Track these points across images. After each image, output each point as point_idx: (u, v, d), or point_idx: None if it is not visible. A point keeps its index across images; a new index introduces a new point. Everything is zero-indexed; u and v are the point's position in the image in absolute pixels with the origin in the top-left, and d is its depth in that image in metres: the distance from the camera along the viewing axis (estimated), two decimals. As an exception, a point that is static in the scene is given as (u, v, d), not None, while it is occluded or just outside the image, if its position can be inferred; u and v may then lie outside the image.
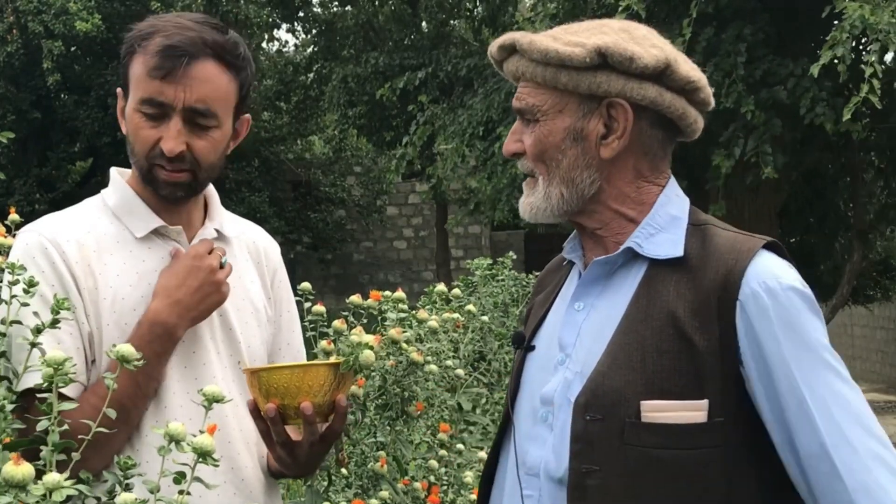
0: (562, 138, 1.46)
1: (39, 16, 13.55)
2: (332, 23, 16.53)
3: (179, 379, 1.64)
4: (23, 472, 1.08)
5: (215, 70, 1.64)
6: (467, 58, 13.40)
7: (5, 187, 14.55)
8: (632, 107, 1.44)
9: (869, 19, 6.93)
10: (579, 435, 1.39)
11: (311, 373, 1.47)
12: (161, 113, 1.62)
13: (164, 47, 1.60)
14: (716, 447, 1.35)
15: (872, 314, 17.79)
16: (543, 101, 1.46)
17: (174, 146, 1.61)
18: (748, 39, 8.38)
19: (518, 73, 1.49)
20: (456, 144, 10.93)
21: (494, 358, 3.62)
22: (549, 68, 1.44)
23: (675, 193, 1.52)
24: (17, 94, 14.57)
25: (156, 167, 1.64)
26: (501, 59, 1.52)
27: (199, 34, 1.63)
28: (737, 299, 1.36)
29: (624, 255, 1.47)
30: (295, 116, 18.14)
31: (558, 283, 1.63)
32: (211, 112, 1.64)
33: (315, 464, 1.66)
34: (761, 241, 1.43)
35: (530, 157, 1.49)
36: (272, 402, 1.46)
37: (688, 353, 1.36)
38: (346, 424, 1.64)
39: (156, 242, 1.69)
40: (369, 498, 2.44)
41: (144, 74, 1.61)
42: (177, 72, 1.60)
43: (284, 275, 1.91)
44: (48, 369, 1.24)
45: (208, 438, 1.20)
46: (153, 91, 1.61)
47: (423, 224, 18.86)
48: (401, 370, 2.49)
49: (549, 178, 1.47)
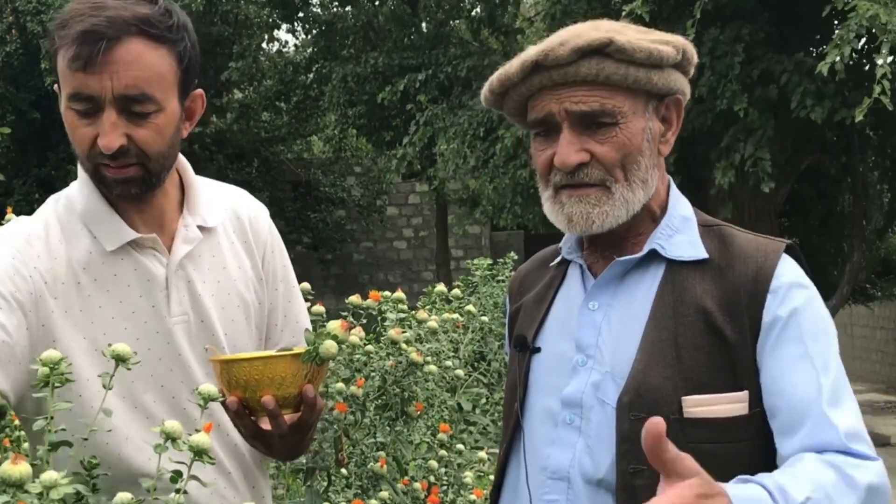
0: (641, 140, 1.43)
1: (38, 16, 13.56)
2: (331, 23, 16.54)
3: (156, 401, 1.57)
4: (20, 471, 1.08)
5: (142, 48, 1.45)
6: (467, 58, 13.42)
7: (5, 187, 14.56)
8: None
9: (881, 19, 6.93)
10: (626, 435, 1.38)
11: (272, 364, 1.42)
12: (92, 107, 1.45)
13: (79, 34, 1.42)
14: (760, 438, 1.37)
15: (872, 314, 17.80)
16: (622, 104, 1.41)
17: (110, 141, 1.45)
18: (746, 40, 8.39)
19: (599, 76, 1.39)
20: (457, 145, 10.94)
21: (494, 358, 3.62)
22: (641, 69, 1.40)
23: (677, 192, 1.53)
24: (17, 95, 14.59)
25: (101, 166, 1.49)
26: (570, 61, 1.38)
27: (116, 12, 1.44)
28: (768, 291, 1.38)
29: (644, 256, 1.47)
30: (295, 116, 18.15)
31: (552, 282, 1.60)
32: (146, 96, 1.46)
33: (295, 452, 1.60)
34: (783, 244, 1.45)
35: (607, 164, 1.42)
36: (234, 395, 1.43)
37: (721, 346, 1.37)
38: (345, 423, 1.62)
39: (129, 253, 1.57)
40: (369, 498, 2.43)
41: (66, 67, 1.44)
42: (96, 59, 1.42)
43: (278, 244, 1.77)
44: (44, 368, 1.23)
45: (204, 436, 1.19)
46: (77, 85, 1.44)
47: (423, 224, 18.86)
48: (400, 370, 2.49)
49: (628, 182, 1.43)
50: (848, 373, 1.43)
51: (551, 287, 1.59)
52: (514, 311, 1.67)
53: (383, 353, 2.52)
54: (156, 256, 1.59)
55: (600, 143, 1.41)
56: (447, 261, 16.61)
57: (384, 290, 2.80)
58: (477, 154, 10.88)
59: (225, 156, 16.08)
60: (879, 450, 7.71)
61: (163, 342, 1.58)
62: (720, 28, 8.52)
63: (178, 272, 1.61)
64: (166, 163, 1.54)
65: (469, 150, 10.94)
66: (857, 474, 1.31)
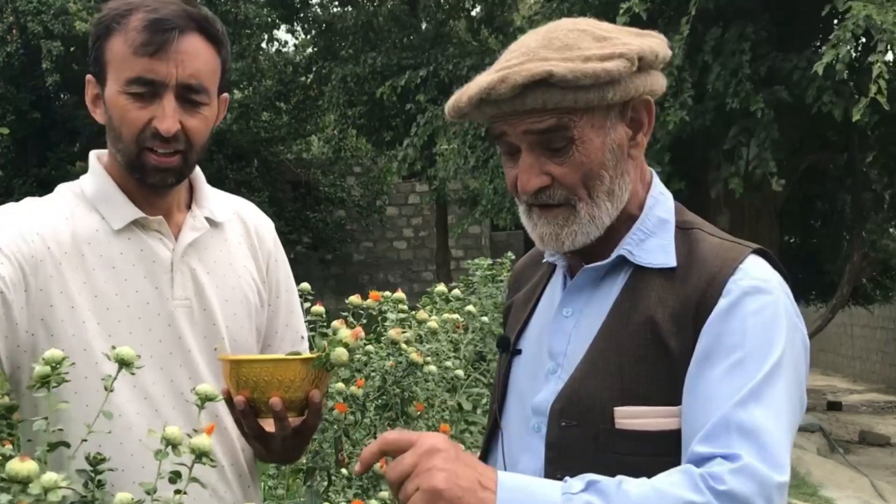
0: (602, 155, 1.38)
1: (39, 16, 13.56)
2: (331, 23, 16.54)
3: (155, 382, 1.59)
4: (28, 468, 1.07)
5: (202, 44, 1.56)
6: (466, 57, 13.41)
7: (4, 187, 14.56)
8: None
9: (875, 19, 6.93)
10: (553, 442, 1.38)
11: (283, 367, 1.43)
12: (151, 91, 1.52)
13: (151, 21, 1.51)
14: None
15: (872, 314, 17.79)
16: (574, 124, 1.36)
17: (171, 125, 1.52)
18: (752, 38, 8.38)
19: (546, 105, 1.34)
20: (457, 145, 10.94)
21: (494, 359, 3.61)
22: (592, 90, 1.33)
23: (659, 192, 1.48)
24: (17, 95, 14.58)
25: (146, 152, 1.55)
26: (514, 95, 1.34)
27: (181, 7, 1.55)
28: (715, 303, 1.33)
29: (613, 262, 1.44)
30: (294, 117, 18.14)
31: (539, 281, 1.59)
32: (203, 87, 1.56)
33: (292, 456, 1.62)
34: (748, 249, 1.39)
35: (569, 185, 1.38)
36: (242, 394, 1.44)
37: (664, 359, 1.34)
38: (345, 423, 1.62)
39: (135, 233, 1.61)
40: (369, 498, 2.43)
41: (129, 53, 1.51)
42: (168, 46, 1.51)
43: (281, 254, 1.82)
44: (44, 367, 1.23)
45: (206, 439, 1.19)
46: (142, 69, 1.51)
47: (423, 224, 18.86)
48: (400, 371, 2.49)
49: (592, 199, 1.39)
50: (848, 373, 1.40)
51: (537, 287, 1.58)
52: (507, 306, 1.67)
53: (383, 354, 2.52)
54: (162, 240, 1.63)
55: (559, 165, 1.37)
56: (447, 261, 16.60)
57: (384, 290, 2.80)
58: (477, 154, 10.88)
59: (224, 156, 16.07)
60: (879, 450, 7.79)
61: (164, 324, 1.60)
62: (722, 27, 8.51)
63: (184, 258, 1.64)
64: (201, 155, 1.62)
65: (469, 150, 10.93)
66: (712, 475, 1.20)
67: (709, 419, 1.25)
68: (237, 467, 1.70)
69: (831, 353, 21.16)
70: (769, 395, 1.26)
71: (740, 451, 1.21)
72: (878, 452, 11.16)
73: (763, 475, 1.21)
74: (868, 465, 10.02)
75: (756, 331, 1.30)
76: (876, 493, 8.63)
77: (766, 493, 1.20)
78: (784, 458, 1.24)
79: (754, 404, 1.25)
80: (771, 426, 1.24)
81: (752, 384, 1.26)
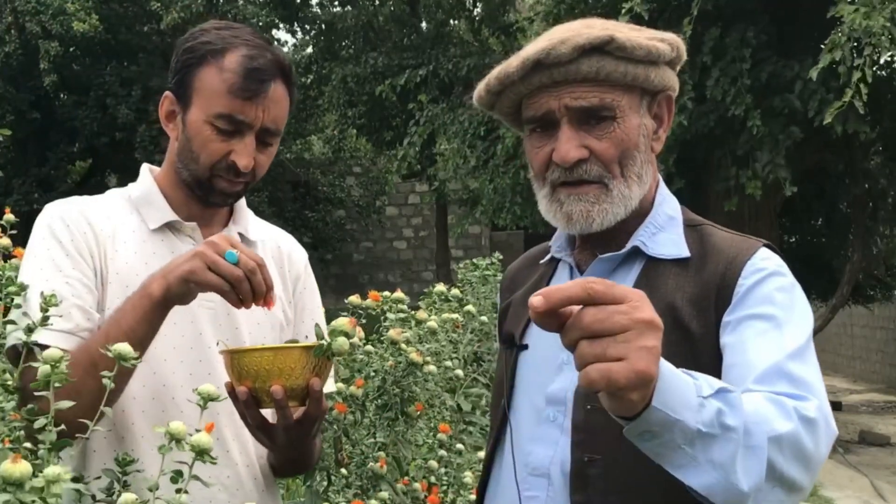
0: (637, 136, 1.44)
1: (37, 16, 13.55)
2: (331, 23, 16.54)
3: (174, 372, 1.65)
4: (20, 469, 1.08)
5: (283, 92, 1.69)
6: (467, 57, 13.42)
7: (4, 187, 14.57)
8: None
9: (863, 24, 6.96)
10: (580, 425, 1.40)
11: (283, 355, 1.44)
12: (236, 130, 1.65)
13: (251, 69, 1.63)
14: None
15: (872, 314, 17.80)
16: (620, 99, 1.41)
17: (249, 163, 1.66)
18: (752, 43, 8.39)
19: (599, 74, 1.39)
20: (457, 145, 10.94)
21: (490, 359, 3.62)
22: (640, 66, 1.40)
23: (666, 191, 1.54)
24: (16, 95, 14.59)
25: (218, 178, 1.68)
26: (572, 59, 1.38)
27: (273, 55, 1.67)
28: (735, 285, 1.38)
29: (627, 253, 1.47)
30: (294, 116, 18.14)
31: (540, 280, 1.61)
32: (278, 131, 1.70)
33: (296, 447, 1.62)
34: (760, 242, 1.45)
35: (606, 160, 1.42)
36: (244, 385, 1.45)
37: (685, 341, 1.37)
38: (345, 423, 1.62)
39: (169, 236, 1.71)
40: (369, 498, 2.43)
41: (224, 91, 1.63)
42: (262, 94, 1.64)
43: (312, 283, 1.90)
44: (45, 367, 1.23)
45: (206, 436, 1.19)
46: (234, 109, 1.64)
47: (423, 224, 18.86)
48: (400, 371, 2.49)
49: (625, 179, 1.43)
50: (848, 373, 1.42)
51: (540, 284, 1.59)
52: (504, 307, 1.68)
53: (383, 353, 2.52)
54: (193, 245, 1.70)
55: (598, 139, 1.42)
56: (447, 261, 16.60)
57: (384, 290, 2.80)
58: (477, 154, 10.88)
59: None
60: (879, 449, 7.79)
61: (187, 321, 1.66)
62: (721, 29, 8.51)
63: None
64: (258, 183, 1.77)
65: (469, 150, 10.93)
66: (796, 405, 1.22)
67: (760, 366, 1.27)
68: (252, 469, 1.73)
69: (831, 353, 21.18)
70: (811, 359, 1.31)
71: (805, 393, 1.23)
72: (878, 452, 11.16)
73: (828, 416, 1.24)
74: (868, 465, 10.03)
75: (788, 303, 1.35)
76: (876, 493, 8.63)
77: (829, 434, 1.24)
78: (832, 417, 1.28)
79: (802, 363, 1.28)
80: (819, 386, 1.28)
81: (797, 346, 1.30)
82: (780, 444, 1.15)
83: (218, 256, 1.49)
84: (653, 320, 1.03)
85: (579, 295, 1.01)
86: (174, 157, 1.72)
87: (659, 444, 1.10)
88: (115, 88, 14.90)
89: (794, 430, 1.17)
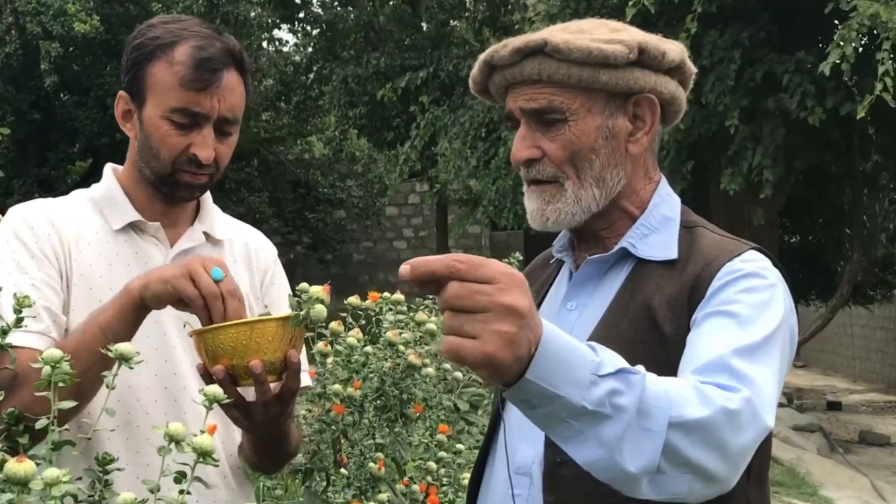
0: (595, 138, 1.43)
1: (38, 17, 13.55)
2: (332, 23, 16.53)
3: (139, 373, 1.60)
4: (25, 469, 1.08)
5: (237, 79, 1.68)
6: (468, 58, 13.40)
7: (4, 187, 14.55)
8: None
9: (882, 17, 6.93)
10: None
11: (259, 329, 1.41)
12: (193, 122, 1.64)
13: (201, 60, 1.62)
14: None
15: (872, 314, 17.80)
16: (572, 101, 1.42)
17: (210, 154, 1.66)
18: (745, 44, 8.38)
19: (542, 76, 1.42)
20: (458, 145, 10.93)
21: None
22: (585, 68, 1.40)
23: (667, 193, 1.53)
24: (17, 95, 14.59)
25: (182, 171, 1.67)
26: (514, 62, 1.43)
27: (223, 44, 1.67)
28: (708, 287, 1.37)
29: (617, 255, 1.48)
30: (295, 117, 18.14)
31: (546, 280, 1.62)
32: (236, 119, 1.70)
33: (275, 425, 1.61)
34: (747, 245, 1.43)
35: (556, 161, 1.44)
36: (221, 363, 1.41)
37: (660, 343, 1.37)
38: (343, 424, 1.61)
39: (132, 237, 1.71)
40: (368, 499, 2.43)
41: (176, 84, 1.63)
42: (214, 84, 1.63)
43: (280, 278, 1.88)
44: (46, 367, 1.24)
45: (208, 439, 1.19)
46: (188, 101, 1.63)
47: (423, 224, 18.86)
48: (398, 373, 2.49)
49: (580, 180, 1.44)
50: (848, 373, 1.41)
51: (544, 285, 1.62)
52: None
53: (381, 355, 2.52)
54: (157, 245, 1.72)
55: (550, 141, 1.44)
56: (447, 261, 16.57)
57: (384, 290, 2.80)
58: (478, 154, 10.87)
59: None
60: (879, 449, 7.80)
61: (151, 321, 1.62)
62: (720, 30, 8.50)
63: (175, 262, 1.67)
64: (222, 174, 1.75)
65: (470, 151, 10.93)
66: (721, 394, 1.20)
67: (703, 358, 1.26)
68: (221, 468, 1.73)
69: (831, 353, 21.16)
70: (764, 358, 1.28)
71: (739, 386, 1.21)
72: (878, 452, 11.17)
73: (758, 410, 1.21)
74: (868, 465, 10.03)
75: (757, 302, 1.34)
76: (876, 493, 8.63)
77: (757, 427, 1.21)
78: (773, 411, 1.25)
79: (749, 360, 1.26)
80: (762, 382, 1.25)
81: (750, 342, 1.28)
82: (686, 430, 1.13)
83: (202, 269, 1.48)
84: (513, 305, 1.03)
85: (441, 271, 1.03)
86: (135, 157, 1.71)
87: (544, 415, 1.10)
88: (115, 89, 14.88)
89: (708, 418, 1.15)
